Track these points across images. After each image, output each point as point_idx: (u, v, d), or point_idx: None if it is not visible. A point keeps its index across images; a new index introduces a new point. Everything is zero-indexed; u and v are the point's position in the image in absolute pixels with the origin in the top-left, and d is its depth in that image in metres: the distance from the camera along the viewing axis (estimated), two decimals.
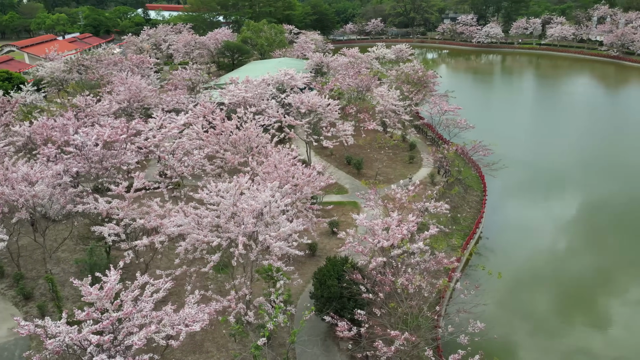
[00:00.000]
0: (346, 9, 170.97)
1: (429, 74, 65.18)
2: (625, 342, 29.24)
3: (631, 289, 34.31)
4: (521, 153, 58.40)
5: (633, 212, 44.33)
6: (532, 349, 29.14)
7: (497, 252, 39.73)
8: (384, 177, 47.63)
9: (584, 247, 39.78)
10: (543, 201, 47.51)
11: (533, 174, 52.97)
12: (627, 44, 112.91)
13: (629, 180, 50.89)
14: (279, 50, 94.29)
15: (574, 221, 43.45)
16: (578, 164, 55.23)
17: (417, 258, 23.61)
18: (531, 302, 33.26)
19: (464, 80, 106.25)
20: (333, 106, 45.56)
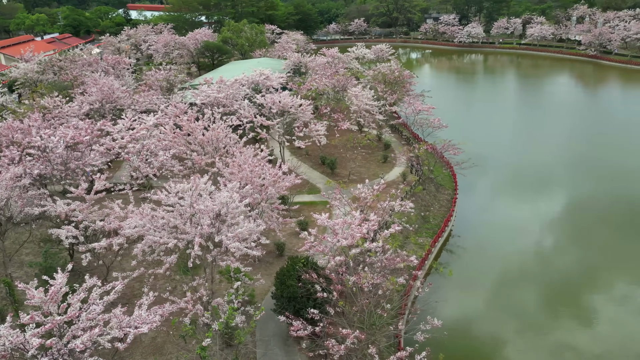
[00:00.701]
0: (330, 9, 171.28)
1: (405, 74, 65.67)
2: (593, 338, 29.77)
3: (596, 283, 34.84)
4: (497, 152, 58.99)
5: (604, 210, 44.98)
6: (495, 344, 29.49)
7: (468, 249, 40.10)
8: (357, 177, 47.76)
9: (554, 244, 40.10)
10: (516, 199, 47.90)
11: (508, 173, 53.54)
12: (605, 44, 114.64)
13: (603, 178, 51.52)
14: (259, 50, 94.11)
15: (545, 219, 43.80)
16: (554, 163, 55.64)
17: (374, 257, 23.73)
18: (497, 298, 33.66)
19: (445, 80, 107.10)
20: (305, 106, 45.63)
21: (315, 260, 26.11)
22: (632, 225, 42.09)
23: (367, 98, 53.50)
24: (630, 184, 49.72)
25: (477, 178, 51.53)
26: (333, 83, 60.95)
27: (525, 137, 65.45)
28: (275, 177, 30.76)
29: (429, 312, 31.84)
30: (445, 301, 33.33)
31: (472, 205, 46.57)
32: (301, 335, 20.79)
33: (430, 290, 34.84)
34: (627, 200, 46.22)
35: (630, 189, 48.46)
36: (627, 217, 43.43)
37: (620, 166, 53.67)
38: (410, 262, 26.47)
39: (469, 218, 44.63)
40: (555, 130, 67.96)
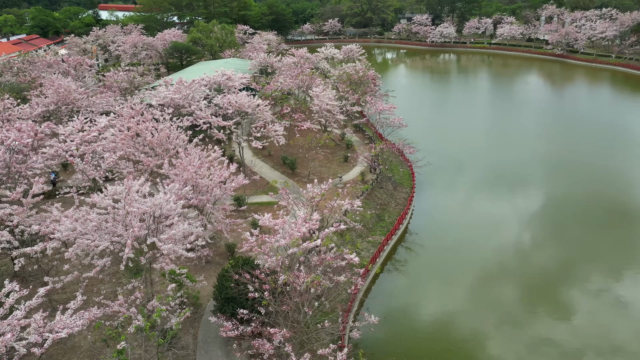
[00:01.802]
0: (305, 9, 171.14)
1: (369, 74, 66.09)
2: (524, 336, 30.32)
3: (554, 275, 35.54)
4: (460, 150, 59.61)
5: (562, 206, 45.95)
6: (439, 338, 29.82)
7: (425, 246, 40.52)
8: (318, 176, 47.83)
9: (511, 240, 40.54)
10: (475, 197, 48.38)
11: (469, 171, 53.97)
12: (572, 43, 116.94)
13: (565, 175, 52.56)
14: (229, 50, 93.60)
15: (502, 216, 44.37)
16: (516, 161, 56.45)
17: (301, 256, 23.83)
18: (447, 293, 34.07)
19: (416, 79, 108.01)
20: (263, 107, 45.56)
21: (258, 261, 26.08)
22: (594, 221, 42.95)
23: (328, 98, 53.69)
24: (594, 181, 50.53)
25: (438, 176, 52.14)
26: (297, 83, 61.03)
27: (490, 136, 66.39)
28: (222, 178, 30.64)
29: (375, 308, 32.43)
30: (393, 296, 33.80)
31: (431, 203, 47.07)
32: (231, 335, 20.75)
33: (383, 287, 35.50)
34: (590, 197, 47.14)
35: (594, 186, 49.23)
36: (587, 213, 44.36)
37: (583, 163, 54.74)
38: (351, 260, 26.68)
39: (428, 215, 45.09)
40: (519, 128, 69.04)
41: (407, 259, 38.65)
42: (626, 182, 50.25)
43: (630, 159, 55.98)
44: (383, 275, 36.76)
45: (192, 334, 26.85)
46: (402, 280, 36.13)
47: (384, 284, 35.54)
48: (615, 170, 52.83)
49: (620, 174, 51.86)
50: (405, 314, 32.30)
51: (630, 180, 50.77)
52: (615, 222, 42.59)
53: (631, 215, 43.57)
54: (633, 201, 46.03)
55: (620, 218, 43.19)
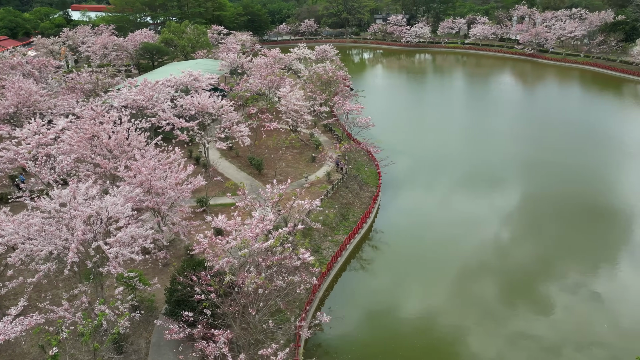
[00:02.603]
0: (281, 9, 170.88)
1: (339, 74, 66.31)
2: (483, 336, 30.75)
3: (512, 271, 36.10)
4: (429, 149, 60.26)
5: (529, 205, 46.80)
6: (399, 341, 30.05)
7: (391, 244, 40.77)
8: (284, 177, 47.81)
9: (475, 238, 40.90)
10: (442, 195, 48.79)
11: (437, 169, 54.43)
12: (542, 42, 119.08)
13: (532, 173, 53.47)
14: (201, 51, 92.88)
15: (470, 214, 44.64)
16: (487, 159, 57.06)
17: (244, 257, 23.76)
18: (409, 291, 34.33)
19: (390, 79, 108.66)
20: (227, 107, 45.31)
21: (209, 263, 25.90)
22: (567, 219, 43.57)
23: (296, 98, 53.68)
24: (566, 179, 51.30)
25: (407, 175, 52.62)
26: (266, 84, 60.88)
27: (462, 135, 66.95)
28: (178, 180, 30.40)
29: (336, 307, 32.58)
30: (355, 295, 33.96)
31: (399, 201, 47.42)
32: (177, 338, 20.58)
33: (345, 286, 35.66)
34: (562, 195, 47.88)
35: (567, 184, 49.96)
36: (561, 211, 44.90)
37: (554, 162, 55.39)
38: (305, 260, 26.70)
39: (395, 214, 45.38)
40: (492, 128, 69.89)
41: (371, 257, 38.86)
42: (599, 179, 51.06)
43: (601, 157, 56.77)
44: (346, 273, 36.97)
45: (145, 337, 26.56)
46: (365, 279, 36.34)
47: (346, 283, 35.72)
48: (587, 168, 53.69)
49: (592, 172, 52.69)
50: (366, 312, 32.49)
51: (602, 177, 51.61)
52: (589, 219, 43.20)
53: (605, 211, 44.29)
54: (606, 198, 46.79)
55: (594, 215, 43.85)
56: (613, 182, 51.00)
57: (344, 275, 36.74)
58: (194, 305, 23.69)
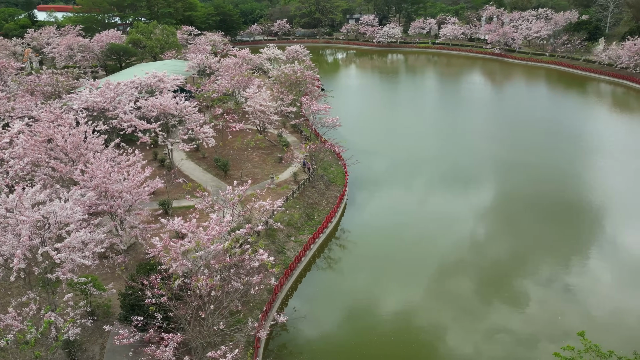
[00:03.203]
0: (253, 9, 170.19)
1: (307, 75, 66.36)
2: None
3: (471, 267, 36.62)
4: (398, 148, 60.64)
5: (495, 202, 47.57)
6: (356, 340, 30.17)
7: (358, 243, 40.83)
8: (251, 178, 47.58)
9: (441, 238, 40.98)
10: (407, 194, 49.09)
11: (403, 168, 54.77)
12: (509, 42, 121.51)
13: (495, 172, 54.44)
14: (170, 52, 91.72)
15: (436, 212, 45.00)
16: (455, 158, 57.60)
17: (194, 259, 23.55)
18: (371, 289, 34.44)
19: (362, 79, 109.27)
20: (191, 109, 44.85)
21: (164, 266, 25.56)
22: (535, 217, 44.24)
23: (262, 99, 53.49)
24: (533, 177, 52.19)
25: (375, 174, 52.87)
26: (233, 84, 60.50)
27: (431, 134, 67.67)
28: (135, 183, 29.90)
29: (299, 307, 32.58)
30: (318, 295, 33.98)
31: (367, 200, 47.55)
32: (126, 343, 20.25)
33: (309, 285, 35.63)
34: (528, 193, 48.78)
35: (533, 182, 50.78)
36: (529, 208, 45.52)
37: (523, 160, 56.27)
38: (263, 260, 26.59)
39: (362, 212, 45.46)
40: (461, 127, 70.76)
41: (338, 256, 38.82)
42: (567, 176, 51.87)
43: (569, 155, 57.78)
44: (311, 273, 36.95)
45: (100, 344, 26.05)
46: (330, 278, 36.34)
47: (311, 282, 35.68)
48: (556, 165, 54.48)
49: (561, 169, 53.44)
50: (331, 311, 32.40)
51: (570, 174, 52.43)
52: (559, 215, 43.78)
53: (574, 207, 45.11)
54: (575, 194, 47.64)
55: (564, 211, 44.51)
56: (581, 178, 51.97)
57: (309, 275, 36.71)
58: (147, 310, 23.35)
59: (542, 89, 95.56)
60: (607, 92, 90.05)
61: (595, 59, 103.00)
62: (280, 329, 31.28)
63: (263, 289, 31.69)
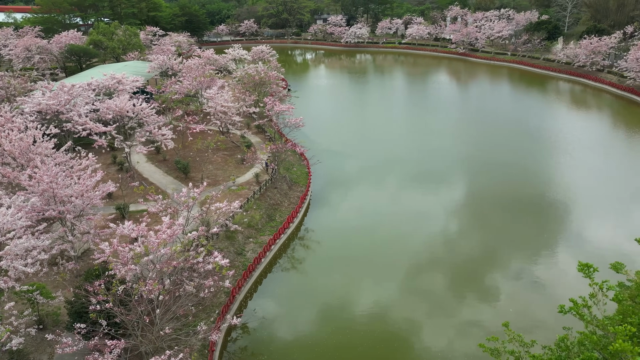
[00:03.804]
0: (220, 10, 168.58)
1: (271, 75, 66.14)
2: None
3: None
4: (364, 148, 60.99)
5: (459, 199, 48.33)
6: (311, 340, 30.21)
7: (322, 242, 40.78)
8: (212, 180, 47.12)
9: (402, 237, 41.21)
10: (374, 193, 49.33)
11: (370, 167, 55.02)
12: (473, 42, 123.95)
13: (463, 168, 55.31)
14: (133, 53, 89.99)
15: (399, 210, 45.30)
16: (420, 157, 58.45)
17: (138, 263, 23.18)
18: (331, 289, 34.50)
19: (329, 80, 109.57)
20: (148, 110, 44.09)
21: (113, 271, 25.05)
22: (501, 213, 45.36)
23: (224, 100, 53.03)
24: (487, 175, 53.49)
25: (340, 174, 53.01)
26: (194, 85, 59.78)
27: (396, 133, 68.05)
28: (85, 187, 29.19)
29: (258, 308, 32.43)
30: (278, 295, 33.85)
31: (331, 200, 47.57)
32: (68, 352, 19.75)
33: (269, 286, 35.46)
34: (490, 191, 49.85)
35: (499, 180, 51.97)
36: (496, 205, 46.50)
37: (485, 158, 57.56)
38: (217, 263, 26.35)
39: (327, 212, 45.42)
40: (426, 125, 71.82)
41: (301, 256, 38.72)
42: (533, 172, 52.90)
43: (533, 151, 59.07)
44: (272, 274, 36.79)
45: (48, 353, 25.31)
46: (293, 278, 36.19)
47: (272, 283, 35.52)
48: (521, 162, 55.64)
49: (526, 165, 54.59)
50: (292, 311, 32.25)
51: (536, 170, 53.47)
52: (527, 210, 44.63)
53: (541, 202, 46.04)
54: (541, 190, 48.60)
55: (531, 206, 45.42)
56: (546, 174, 53.05)
57: (270, 276, 36.53)
58: (96, 316, 22.84)
59: (506, 88, 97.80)
60: (566, 90, 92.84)
61: (554, 58, 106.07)
62: (241, 331, 31.12)
63: (220, 292, 31.59)
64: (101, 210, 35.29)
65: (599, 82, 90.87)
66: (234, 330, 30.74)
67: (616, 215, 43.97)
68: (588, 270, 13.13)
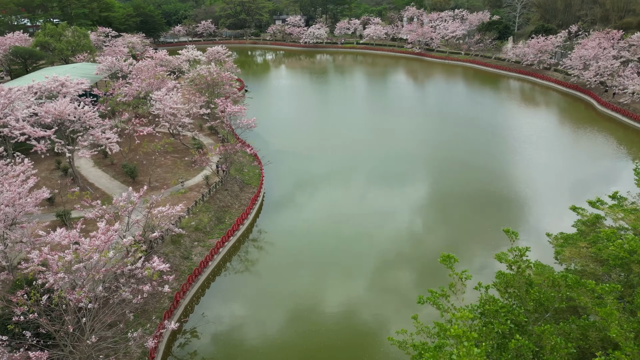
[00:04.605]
0: (177, 10, 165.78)
1: (224, 76, 65.45)
2: None
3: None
4: (318, 148, 61.10)
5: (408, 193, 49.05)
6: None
7: (275, 243, 40.52)
8: (161, 183, 46.25)
9: (353, 235, 41.42)
10: (329, 193, 49.45)
11: (326, 167, 55.16)
12: (428, 42, 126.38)
13: (418, 166, 56.18)
14: (82, 54, 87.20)
15: (352, 210, 45.50)
16: (373, 155, 58.85)
17: (60, 271, 22.52)
18: (279, 292, 34.36)
19: (288, 80, 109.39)
20: (90, 114, 42.79)
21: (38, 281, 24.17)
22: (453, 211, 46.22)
23: (173, 101, 52.07)
24: (446, 173, 54.55)
25: (297, 174, 52.95)
26: (144, 87, 58.47)
27: (352, 132, 68.41)
28: (16, 195, 28.05)
29: (207, 312, 31.99)
30: (224, 299, 33.43)
31: (286, 200, 47.42)
32: None
33: (216, 290, 35.05)
34: (446, 187, 50.74)
35: (456, 177, 53.00)
36: (450, 203, 47.57)
37: (439, 157, 58.57)
38: (155, 268, 25.86)
39: (281, 212, 45.19)
40: (381, 125, 72.45)
41: (254, 257, 38.39)
42: (491, 169, 54.13)
43: (489, 148, 60.65)
44: (220, 277, 36.37)
45: None
46: (241, 280, 35.81)
47: (220, 286, 35.09)
48: (480, 158, 56.84)
49: (482, 164, 55.70)
50: (239, 314, 31.95)
51: (491, 168, 54.61)
52: (488, 206, 45.46)
53: (500, 198, 47.08)
54: (501, 186, 49.71)
55: (492, 201, 46.31)
56: (501, 170, 54.32)
57: (220, 279, 36.10)
58: (23, 326, 21.97)
59: (461, 87, 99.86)
60: (516, 88, 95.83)
61: (505, 57, 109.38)
62: (190, 336, 30.65)
63: (164, 297, 31.01)
64: (37, 218, 34.00)
65: (546, 80, 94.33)
66: (182, 335, 30.25)
67: (561, 206, 45.43)
68: (449, 262, 13.83)
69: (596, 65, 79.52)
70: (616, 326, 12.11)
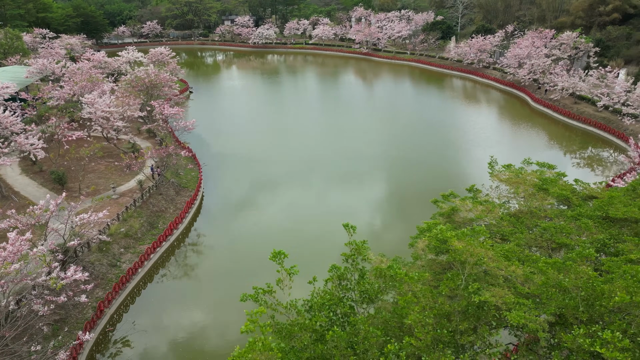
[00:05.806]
0: (121, 10, 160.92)
1: (163, 77, 64.05)
2: None
3: None
4: (261, 149, 60.69)
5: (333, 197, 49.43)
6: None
7: (215, 247, 39.83)
8: (94, 189, 44.74)
9: (298, 238, 41.06)
10: (272, 194, 49.02)
11: (268, 169, 54.70)
12: (375, 42, 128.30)
13: (362, 164, 56.73)
14: (14, 57, 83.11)
15: (294, 212, 45.23)
16: (318, 155, 58.96)
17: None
18: (224, 296, 34.00)
19: (236, 81, 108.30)
20: (12, 119, 40.86)
21: None
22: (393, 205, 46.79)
23: (105, 105, 50.46)
24: (394, 170, 55.34)
25: (239, 176, 52.32)
26: (75, 90, 56.39)
27: (299, 133, 68.44)
28: None
29: (133, 320, 31.18)
30: (155, 306, 32.75)
31: (227, 202, 46.77)
32: None
33: (147, 297, 34.22)
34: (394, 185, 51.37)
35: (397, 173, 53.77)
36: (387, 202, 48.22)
37: (388, 155, 59.16)
38: (52, 279, 24.90)
39: (220, 215, 44.58)
40: (331, 125, 72.77)
41: (191, 263, 37.63)
42: (438, 167, 54.71)
43: (437, 146, 61.30)
44: (152, 284, 35.52)
45: None
46: (176, 286, 34.98)
47: (151, 294, 34.26)
48: (426, 158, 57.45)
49: (432, 161, 56.34)
50: (172, 322, 31.21)
51: (440, 164, 55.37)
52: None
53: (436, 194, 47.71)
54: (453, 182, 49.67)
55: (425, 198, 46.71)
56: (454, 166, 55.32)
57: (152, 287, 35.23)
58: None
59: (408, 86, 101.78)
60: (459, 87, 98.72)
61: (447, 56, 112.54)
62: (122, 345, 29.76)
63: (88, 307, 29.99)
64: None
65: (486, 78, 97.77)
66: (113, 345, 29.34)
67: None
68: (279, 258, 14.35)
69: (529, 64, 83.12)
70: (415, 313, 13.30)
